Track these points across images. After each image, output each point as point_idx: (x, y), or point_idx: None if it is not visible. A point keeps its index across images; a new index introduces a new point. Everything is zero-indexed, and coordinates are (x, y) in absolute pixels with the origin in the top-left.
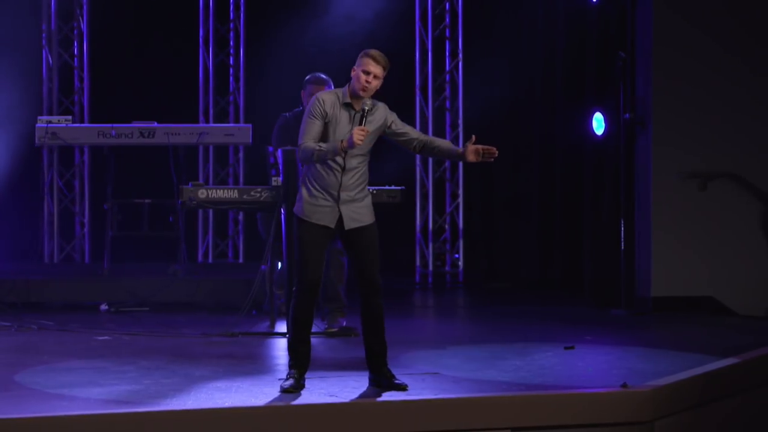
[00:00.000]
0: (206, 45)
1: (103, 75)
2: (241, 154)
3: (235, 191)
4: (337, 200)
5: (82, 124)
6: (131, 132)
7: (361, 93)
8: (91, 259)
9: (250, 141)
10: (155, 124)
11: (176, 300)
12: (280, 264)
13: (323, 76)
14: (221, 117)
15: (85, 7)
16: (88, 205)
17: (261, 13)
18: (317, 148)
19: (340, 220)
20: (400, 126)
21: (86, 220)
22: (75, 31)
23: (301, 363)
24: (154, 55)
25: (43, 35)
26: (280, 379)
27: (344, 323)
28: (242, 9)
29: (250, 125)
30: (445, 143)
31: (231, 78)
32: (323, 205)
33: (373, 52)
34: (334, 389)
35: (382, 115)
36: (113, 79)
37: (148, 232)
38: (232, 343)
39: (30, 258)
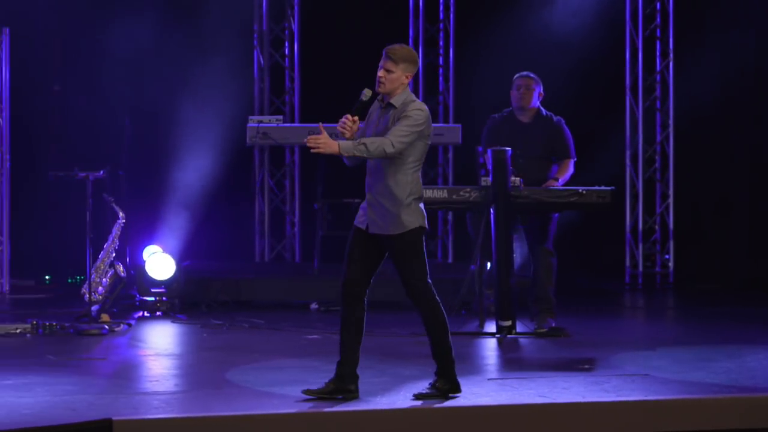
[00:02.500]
0: (416, 45)
1: (314, 75)
2: (450, 154)
3: (445, 191)
4: (367, 202)
5: (293, 124)
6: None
7: (378, 88)
8: (302, 259)
9: (460, 141)
10: (362, 124)
11: (385, 299)
12: (489, 264)
13: (531, 75)
14: (431, 117)
15: (296, 7)
16: (298, 204)
17: (471, 13)
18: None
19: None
20: (396, 123)
21: (296, 219)
22: (286, 32)
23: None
24: (363, 55)
25: (255, 36)
26: (489, 379)
27: (553, 324)
28: (452, 9)
29: (459, 125)
30: None
31: (440, 78)
32: (363, 206)
33: (388, 47)
34: (543, 389)
35: (399, 114)
36: (324, 78)
37: None
38: None
39: (241, 257)
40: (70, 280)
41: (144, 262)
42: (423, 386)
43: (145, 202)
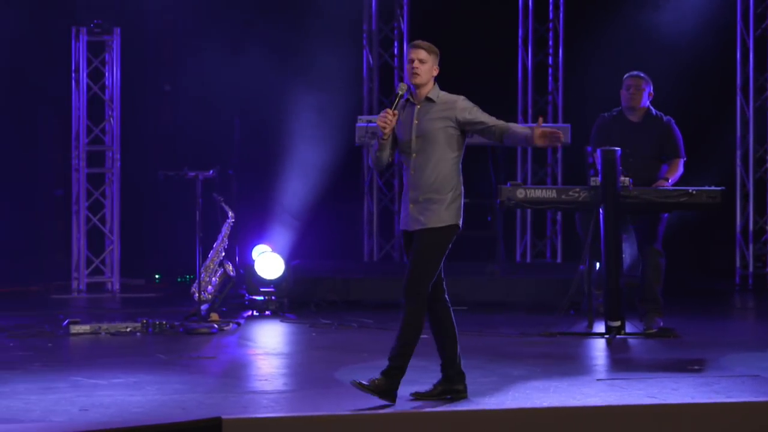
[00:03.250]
0: (525, 45)
1: None
2: (559, 154)
3: (554, 191)
4: (410, 201)
5: None
6: None
7: (412, 81)
8: None
9: (569, 141)
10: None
11: (494, 299)
12: (598, 264)
13: (641, 74)
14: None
15: (405, 7)
16: None
17: (580, 12)
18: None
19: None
20: (474, 115)
21: None
22: (395, 31)
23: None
24: (472, 55)
25: (364, 35)
26: (598, 380)
27: (662, 324)
28: (561, 9)
29: (568, 125)
30: (518, 128)
31: (550, 78)
32: (405, 208)
33: (415, 41)
34: (652, 390)
35: (445, 108)
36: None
37: (467, 231)
38: (549, 343)
39: (350, 256)
40: (179, 279)
41: (253, 261)
42: (532, 386)
43: (255, 202)
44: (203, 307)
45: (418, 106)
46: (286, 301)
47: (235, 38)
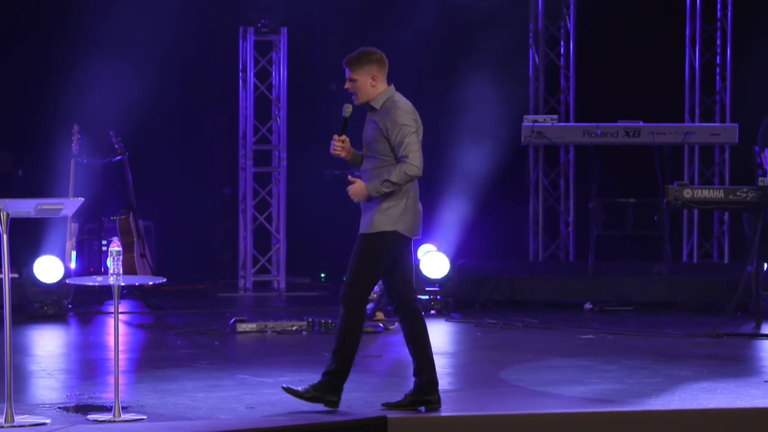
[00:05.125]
0: (692, 44)
1: (589, 74)
2: (726, 154)
3: (721, 191)
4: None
5: (568, 123)
6: (616, 131)
7: (355, 102)
8: (576, 258)
9: (737, 141)
10: (641, 123)
11: (660, 300)
12: (766, 265)
13: None
14: (707, 116)
15: (572, 6)
16: (572, 204)
17: (748, 11)
18: None
19: None
20: (394, 136)
21: (571, 218)
22: (561, 31)
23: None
24: (639, 54)
25: (530, 35)
26: (766, 382)
27: None
28: (729, 8)
29: (736, 125)
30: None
31: (717, 77)
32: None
33: (345, 58)
34: None
35: (382, 117)
36: (598, 78)
37: (633, 231)
38: (716, 344)
39: (515, 256)
40: (345, 278)
41: (418, 260)
42: (698, 387)
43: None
44: (369, 306)
45: (369, 114)
46: (451, 300)
47: (399, 37)
